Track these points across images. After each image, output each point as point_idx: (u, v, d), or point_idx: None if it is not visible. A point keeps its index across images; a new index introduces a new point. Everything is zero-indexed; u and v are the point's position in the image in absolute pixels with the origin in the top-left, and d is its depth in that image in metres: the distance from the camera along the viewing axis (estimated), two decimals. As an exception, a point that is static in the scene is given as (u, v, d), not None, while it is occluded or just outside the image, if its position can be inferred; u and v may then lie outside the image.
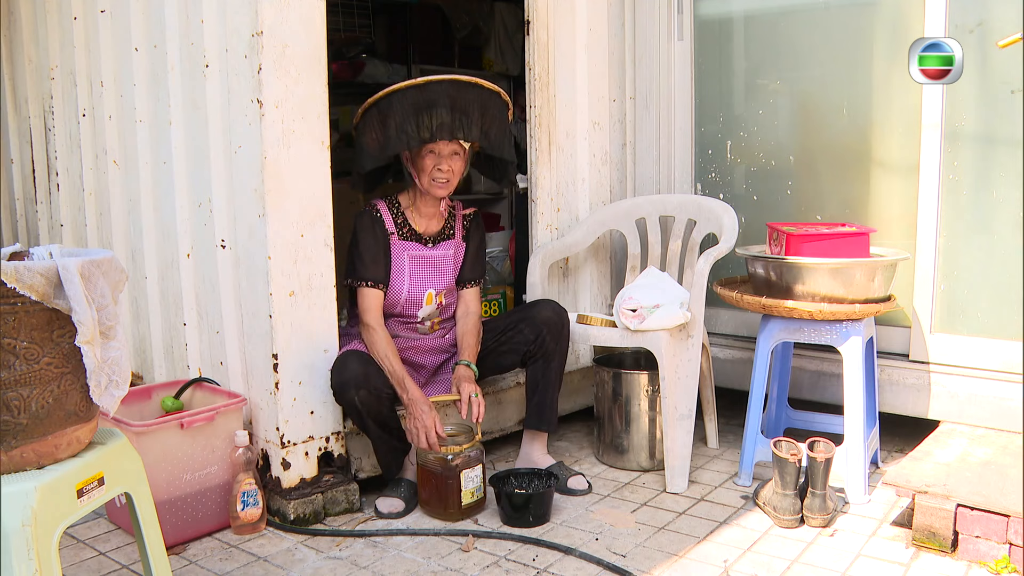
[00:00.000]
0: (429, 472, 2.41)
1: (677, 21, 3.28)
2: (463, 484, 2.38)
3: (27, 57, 3.30)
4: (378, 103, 2.44)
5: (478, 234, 2.74)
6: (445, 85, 2.44)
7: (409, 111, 2.40)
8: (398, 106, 2.41)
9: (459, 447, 2.38)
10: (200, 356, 2.64)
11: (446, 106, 2.42)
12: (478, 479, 2.42)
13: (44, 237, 3.38)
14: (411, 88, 2.41)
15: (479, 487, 2.43)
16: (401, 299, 2.57)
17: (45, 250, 1.52)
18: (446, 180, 2.54)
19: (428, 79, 2.43)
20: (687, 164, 3.32)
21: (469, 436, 2.44)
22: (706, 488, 2.62)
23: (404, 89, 2.41)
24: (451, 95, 2.43)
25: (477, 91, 2.49)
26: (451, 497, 2.38)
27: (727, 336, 3.24)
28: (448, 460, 2.38)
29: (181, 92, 2.54)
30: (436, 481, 2.40)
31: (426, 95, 2.41)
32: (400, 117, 2.40)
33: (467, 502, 2.40)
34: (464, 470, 2.38)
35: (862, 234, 2.54)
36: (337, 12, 4.79)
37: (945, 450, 2.48)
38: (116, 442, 1.60)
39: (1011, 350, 2.65)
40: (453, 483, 2.37)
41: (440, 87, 2.43)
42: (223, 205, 2.45)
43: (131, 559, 2.19)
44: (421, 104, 2.40)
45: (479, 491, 2.43)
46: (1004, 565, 2.04)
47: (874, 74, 2.91)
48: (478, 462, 2.42)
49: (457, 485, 2.37)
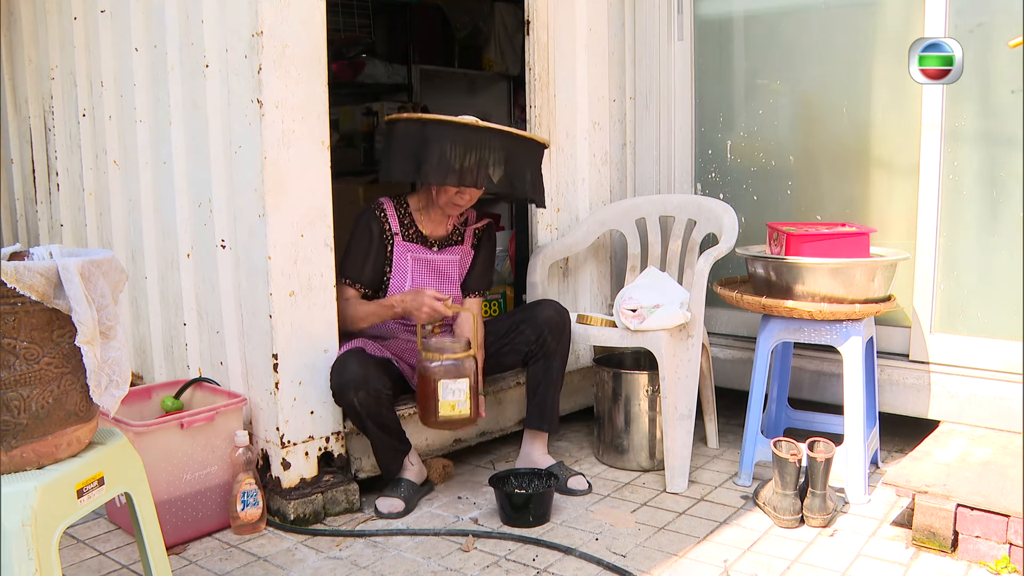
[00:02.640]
0: (420, 378, 2.39)
1: (677, 21, 3.28)
2: (441, 393, 2.33)
3: (27, 57, 3.30)
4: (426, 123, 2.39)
5: (489, 245, 2.74)
6: (497, 136, 2.40)
7: (457, 150, 2.35)
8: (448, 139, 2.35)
9: (441, 354, 2.35)
10: (200, 356, 2.64)
11: (496, 162, 2.39)
12: (461, 394, 2.35)
13: (44, 237, 3.38)
14: (465, 127, 2.37)
15: (463, 402, 2.36)
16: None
17: (45, 250, 1.52)
18: (462, 207, 2.57)
19: (485, 125, 2.39)
20: (687, 164, 3.32)
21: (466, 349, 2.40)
22: (706, 488, 2.62)
23: (456, 125, 2.37)
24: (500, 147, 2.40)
25: (525, 144, 2.49)
26: (429, 403, 2.35)
27: (727, 336, 3.24)
28: (429, 364, 2.35)
29: (181, 92, 2.54)
30: (423, 385, 2.37)
31: (479, 141, 2.37)
32: (447, 151, 2.35)
33: (445, 413, 2.35)
34: (443, 379, 2.33)
35: (862, 234, 2.54)
36: (337, 12, 4.79)
37: (945, 450, 2.48)
38: (116, 442, 1.60)
39: (1011, 350, 2.65)
40: (431, 388, 2.34)
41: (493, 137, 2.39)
42: (223, 205, 2.45)
43: (131, 559, 2.19)
44: (471, 148, 2.36)
45: (462, 406, 2.36)
46: (1004, 565, 2.04)
47: (874, 74, 2.91)
48: (464, 376, 2.35)
49: (435, 391, 2.33)
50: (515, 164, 2.45)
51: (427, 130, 2.38)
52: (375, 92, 5.00)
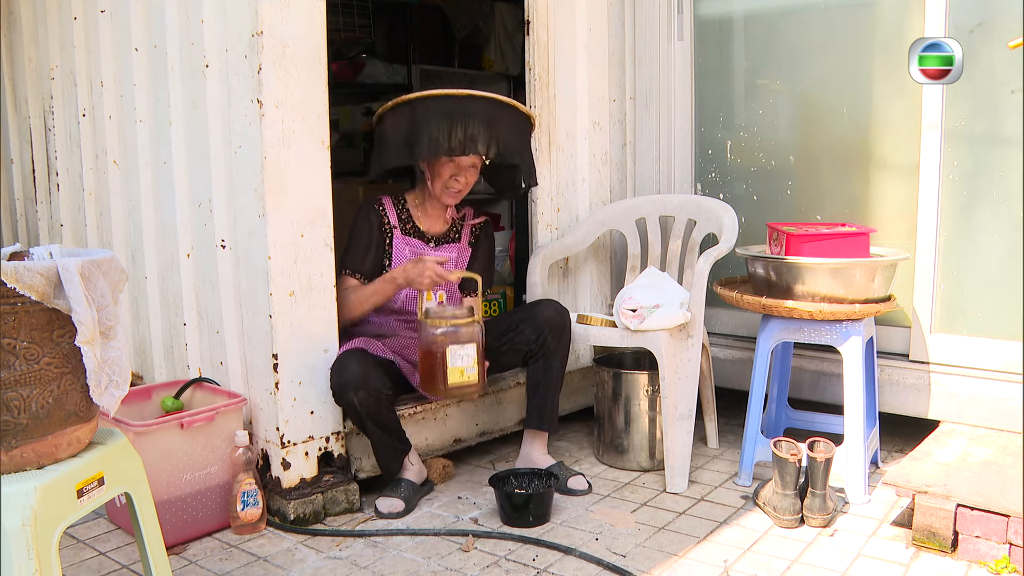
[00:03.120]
0: (424, 347, 2.38)
1: (677, 21, 3.28)
2: (449, 359, 2.33)
3: (27, 57, 3.30)
4: (412, 103, 2.46)
5: (487, 243, 2.75)
6: (480, 101, 2.47)
7: (443, 120, 2.42)
8: (434, 112, 2.43)
9: (446, 320, 2.35)
10: (200, 356, 2.64)
11: (480, 122, 2.45)
12: (469, 359, 2.36)
13: (44, 237, 3.38)
14: (448, 97, 2.44)
15: (471, 368, 2.36)
16: (402, 294, 2.58)
17: (45, 250, 1.52)
18: (458, 191, 2.59)
19: (467, 92, 2.46)
20: (687, 164, 3.32)
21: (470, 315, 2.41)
22: (706, 488, 2.62)
23: (441, 97, 2.44)
24: (485, 112, 2.46)
25: (509, 111, 2.55)
26: (437, 370, 2.35)
27: (727, 336, 3.24)
28: (435, 331, 2.34)
29: (181, 92, 2.54)
30: (428, 354, 2.36)
31: (462, 107, 2.44)
32: (433, 124, 2.42)
33: (454, 380, 2.35)
34: (452, 344, 2.34)
35: (862, 234, 2.54)
36: (337, 12, 4.79)
37: (945, 450, 2.48)
38: (116, 442, 1.60)
39: (1011, 350, 2.65)
40: (439, 355, 2.34)
41: (475, 102, 2.46)
42: (223, 205, 2.45)
43: (131, 559, 2.19)
44: (456, 115, 2.42)
45: (471, 372, 2.36)
46: (1004, 565, 2.04)
47: (874, 74, 2.91)
48: (471, 342, 2.36)
49: (442, 357, 2.33)
50: (501, 129, 2.49)
51: (414, 111, 2.44)
52: (375, 92, 5.00)
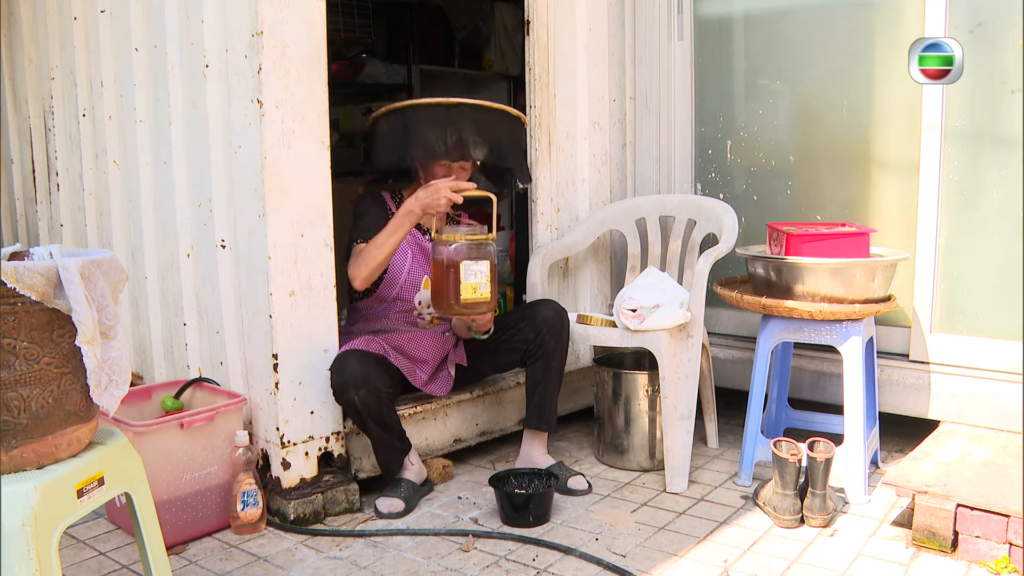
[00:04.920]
0: (436, 263, 2.37)
1: (677, 21, 3.28)
2: (463, 274, 2.31)
3: (27, 57, 3.30)
4: (404, 111, 2.56)
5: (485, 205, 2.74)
6: (468, 108, 2.58)
7: (435, 128, 2.52)
8: (424, 119, 2.53)
9: (461, 235, 2.33)
10: (200, 356, 2.64)
11: (470, 128, 2.55)
12: (482, 275, 2.34)
13: (44, 237, 3.38)
14: (438, 106, 2.54)
15: (484, 284, 2.34)
16: (401, 278, 2.60)
17: (45, 250, 1.52)
18: None
19: (456, 101, 2.57)
20: (687, 164, 3.32)
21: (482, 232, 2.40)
22: (706, 488, 2.62)
23: (431, 105, 2.54)
24: (473, 119, 2.56)
25: (499, 116, 2.65)
26: (448, 286, 2.33)
27: (727, 336, 3.24)
28: (449, 246, 2.33)
29: (181, 92, 2.54)
30: (439, 270, 2.35)
31: (450, 116, 2.54)
32: (426, 131, 2.51)
33: (467, 296, 2.33)
34: (465, 260, 2.32)
35: (862, 234, 2.54)
36: (337, 12, 4.79)
37: (945, 450, 2.48)
38: (116, 442, 1.60)
39: (1011, 350, 2.65)
40: (452, 270, 2.32)
41: (464, 110, 2.57)
42: (223, 205, 2.45)
43: (131, 559, 2.19)
44: (445, 122, 2.53)
45: (483, 289, 2.34)
46: (1004, 565, 2.04)
47: (874, 74, 2.91)
48: (485, 259, 2.34)
49: (456, 272, 2.32)
50: (491, 134, 2.59)
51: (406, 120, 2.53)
52: (375, 92, 5.00)
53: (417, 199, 2.47)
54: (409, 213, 2.48)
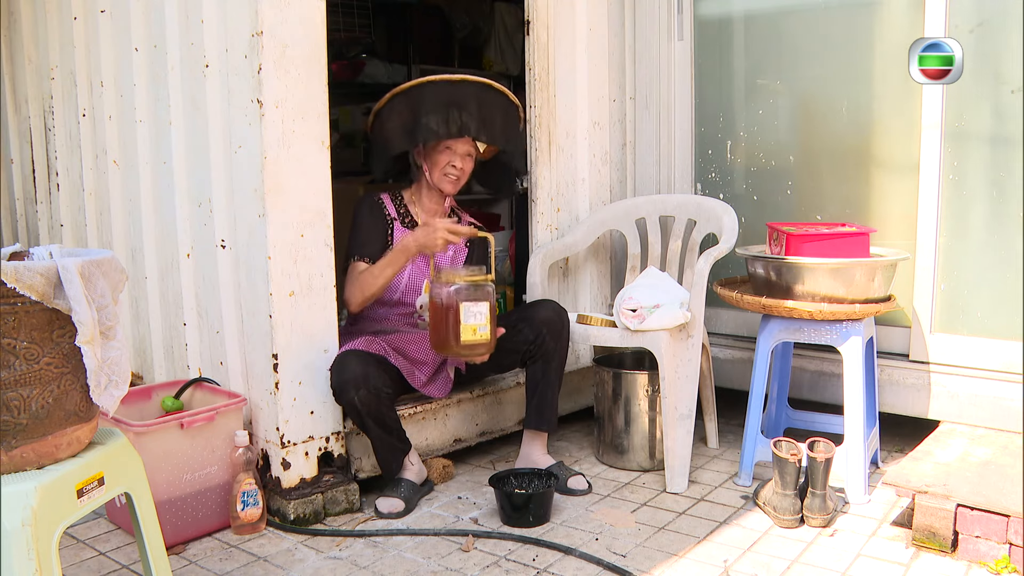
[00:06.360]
0: (435, 304, 2.38)
1: (677, 21, 3.28)
2: (463, 316, 2.33)
3: (27, 57, 3.30)
4: (407, 92, 2.53)
5: (482, 246, 2.75)
6: (475, 86, 2.56)
7: (439, 105, 2.50)
8: (429, 99, 2.51)
9: (460, 277, 2.34)
10: (200, 356, 2.64)
11: (474, 106, 2.53)
12: (482, 317, 2.35)
13: (44, 237, 3.38)
14: (443, 83, 2.52)
15: (483, 326, 2.35)
16: (402, 283, 2.60)
17: (45, 250, 1.52)
18: (456, 178, 2.63)
19: (461, 77, 2.55)
20: (687, 164, 3.32)
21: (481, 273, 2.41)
22: (706, 488, 2.62)
23: (436, 83, 2.51)
24: (479, 97, 2.55)
25: (502, 98, 2.63)
26: (449, 328, 2.34)
27: (727, 336, 3.24)
28: (448, 288, 2.33)
29: (181, 92, 2.54)
30: (439, 313, 2.36)
31: (457, 93, 2.52)
32: (429, 109, 2.50)
33: (467, 338, 2.34)
34: (465, 301, 2.33)
35: (862, 234, 2.54)
36: (337, 12, 4.79)
37: (945, 450, 2.48)
38: (116, 442, 1.60)
39: (1011, 350, 2.65)
40: (452, 312, 2.33)
41: (470, 87, 2.55)
42: (223, 205, 2.45)
43: (131, 559, 2.19)
44: (451, 100, 2.51)
45: (483, 330, 2.36)
46: (1004, 565, 2.04)
47: (874, 74, 2.91)
48: (484, 300, 2.35)
49: (455, 314, 2.33)
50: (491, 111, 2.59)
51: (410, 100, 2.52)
52: (375, 92, 4.99)
53: (415, 238, 2.49)
54: (405, 249, 2.51)
